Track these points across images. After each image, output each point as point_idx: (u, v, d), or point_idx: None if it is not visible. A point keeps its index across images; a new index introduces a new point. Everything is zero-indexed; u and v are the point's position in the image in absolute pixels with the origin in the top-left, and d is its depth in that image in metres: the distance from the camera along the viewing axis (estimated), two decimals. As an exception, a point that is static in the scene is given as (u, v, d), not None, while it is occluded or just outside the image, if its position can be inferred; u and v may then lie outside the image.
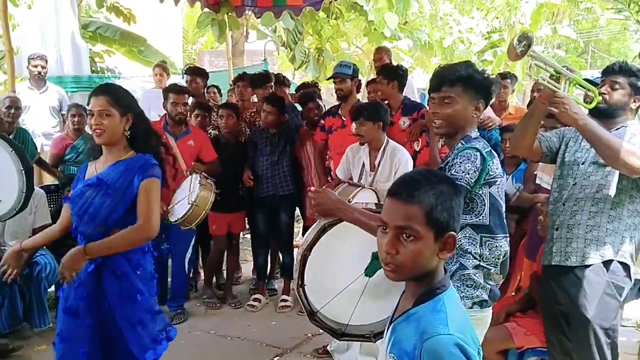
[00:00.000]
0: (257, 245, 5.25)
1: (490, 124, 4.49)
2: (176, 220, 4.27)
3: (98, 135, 2.43)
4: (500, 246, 2.16)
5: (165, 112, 4.74)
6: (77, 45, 7.77)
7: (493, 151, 2.20)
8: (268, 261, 5.35)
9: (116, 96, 2.45)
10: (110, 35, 9.98)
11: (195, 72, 5.72)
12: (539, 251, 3.18)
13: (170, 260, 4.91)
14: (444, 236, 1.37)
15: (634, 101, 2.73)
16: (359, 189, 3.38)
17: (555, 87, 2.55)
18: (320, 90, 5.61)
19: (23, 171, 3.11)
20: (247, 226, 5.58)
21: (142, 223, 2.41)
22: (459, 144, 2.17)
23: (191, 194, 4.26)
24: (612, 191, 2.63)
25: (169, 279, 4.89)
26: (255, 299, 4.97)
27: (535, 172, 4.01)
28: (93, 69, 9.36)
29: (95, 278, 2.44)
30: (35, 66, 6.07)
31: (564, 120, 2.59)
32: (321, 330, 2.48)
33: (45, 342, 4.23)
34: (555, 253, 2.75)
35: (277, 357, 4.00)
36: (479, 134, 2.25)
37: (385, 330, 1.50)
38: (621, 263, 2.63)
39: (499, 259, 2.17)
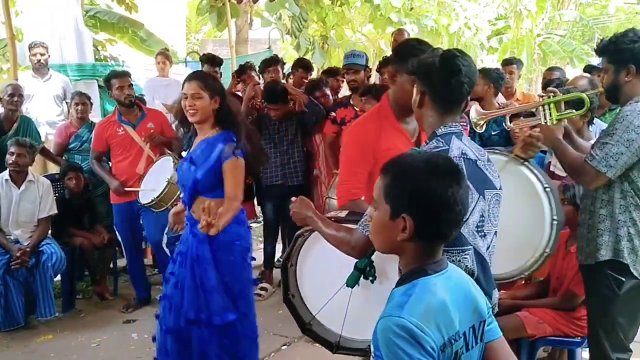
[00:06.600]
0: (266, 234, 5.20)
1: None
2: (151, 202, 3.99)
3: (191, 115, 2.83)
4: None
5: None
6: (80, 33, 7.65)
7: None
8: (276, 250, 5.29)
9: (205, 81, 2.87)
10: (108, 20, 9.81)
11: (213, 61, 5.54)
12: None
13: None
14: (399, 216, 1.37)
15: (627, 74, 2.44)
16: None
17: (529, 123, 2.62)
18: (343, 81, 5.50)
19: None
20: (257, 215, 5.52)
21: (230, 196, 2.82)
22: None
23: (163, 175, 4.03)
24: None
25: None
26: (262, 288, 4.92)
27: (549, 160, 3.94)
28: (96, 57, 9.28)
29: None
30: (35, 55, 5.91)
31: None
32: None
33: (51, 332, 4.20)
34: None
35: (285, 346, 3.96)
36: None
37: None
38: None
39: None
